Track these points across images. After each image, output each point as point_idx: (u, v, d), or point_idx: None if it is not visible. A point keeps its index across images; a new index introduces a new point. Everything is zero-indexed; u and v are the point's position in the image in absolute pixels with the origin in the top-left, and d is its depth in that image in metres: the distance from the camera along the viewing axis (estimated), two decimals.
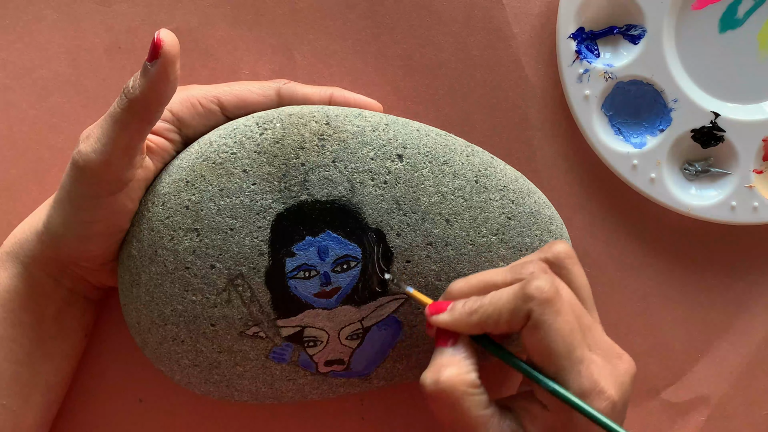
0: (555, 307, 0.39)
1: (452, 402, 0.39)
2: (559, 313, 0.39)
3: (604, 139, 0.50)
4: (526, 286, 0.39)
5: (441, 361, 0.40)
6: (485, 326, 0.40)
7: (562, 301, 0.39)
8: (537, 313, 0.39)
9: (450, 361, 0.40)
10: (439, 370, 0.40)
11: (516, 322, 0.39)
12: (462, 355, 0.41)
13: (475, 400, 0.40)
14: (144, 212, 0.45)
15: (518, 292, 0.39)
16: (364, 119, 0.45)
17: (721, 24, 0.50)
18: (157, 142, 0.45)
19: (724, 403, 0.53)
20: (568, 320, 0.39)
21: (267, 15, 0.51)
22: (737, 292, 0.52)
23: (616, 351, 0.41)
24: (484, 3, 0.51)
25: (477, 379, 0.40)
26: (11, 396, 0.47)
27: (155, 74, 0.40)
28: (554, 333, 0.39)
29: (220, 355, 0.46)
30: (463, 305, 0.41)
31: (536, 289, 0.39)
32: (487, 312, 0.40)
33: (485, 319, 0.40)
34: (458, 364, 0.40)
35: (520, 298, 0.39)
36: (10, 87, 0.51)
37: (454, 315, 0.41)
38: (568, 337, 0.39)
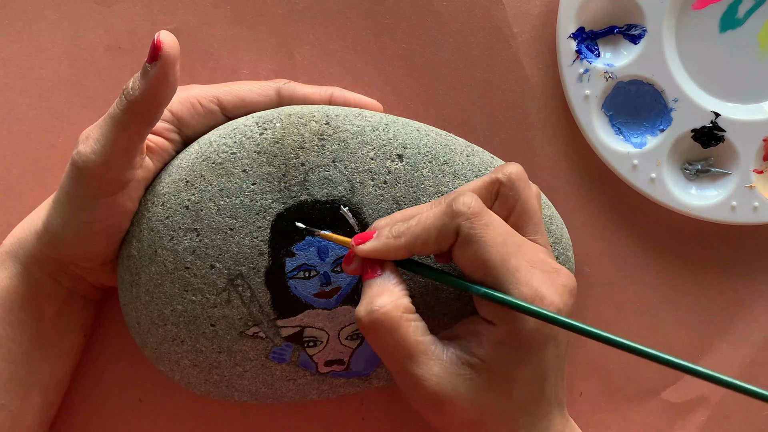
0: (483, 220, 0.39)
1: (389, 329, 0.39)
2: (488, 225, 0.39)
3: (604, 139, 0.50)
4: (453, 202, 0.39)
5: (372, 292, 0.40)
6: (413, 248, 0.40)
7: (489, 215, 0.39)
8: (466, 227, 0.39)
9: (381, 290, 0.40)
10: (371, 300, 0.40)
11: (444, 240, 0.39)
12: (392, 282, 0.41)
13: (412, 325, 0.39)
14: (144, 212, 0.45)
15: (446, 210, 0.39)
16: (364, 119, 0.45)
17: (722, 24, 0.50)
18: (157, 142, 0.45)
19: (724, 403, 0.53)
20: (499, 232, 0.39)
21: (267, 15, 0.51)
22: (737, 292, 0.52)
23: (553, 266, 0.41)
24: (484, 3, 0.50)
25: (410, 305, 0.40)
26: (10, 396, 0.47)
27: (155, 76, 0.40)
28: (486, 243, 0.39)
29: (220, 355, 0.46)
30: (389, 230, 0.41)
31: (463, 204, 0.39)
32: (415, 233, 0.40)
33: (413, 241, 0.40)
34: (390, 291, 0.40)
35: (447, 215, 0.39)
36: (10, 87, 0.51)
37: (381, 240, 0.41)
38: (501, 246, 0.39)
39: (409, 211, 0.42)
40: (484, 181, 0.42)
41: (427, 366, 0.39)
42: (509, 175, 0.42)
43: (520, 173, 0.42)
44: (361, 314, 0.40)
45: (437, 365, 0.39)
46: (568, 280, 0.41)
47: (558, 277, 0.41)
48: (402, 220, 0.41)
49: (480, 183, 0.42)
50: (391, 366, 0.41)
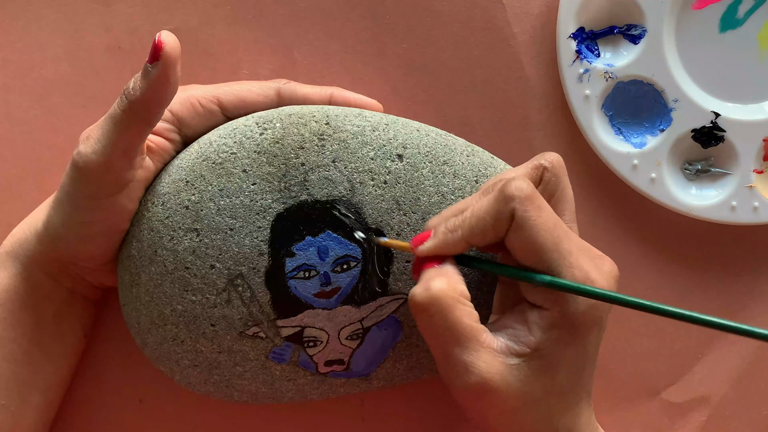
0: (536, 203, 0.39)
1: (443, 310, 0.39)
2: (541, 208, 0.39)
3: (604, 139, 0.50)
4: (504, 188, 0.39)
5: (429, 275, 0.40)
6: (471, 239, 0.40)
7: (541, 199, 0.40)
8: (520, 211, 0.39)
9: (438, 274, 0.40)
10: (429, 281, 0.40)
11: (501, 226, 0.40)
12: (451, 269, 0.41)
13: (466, 310, 0.39)
14: (144, 212, 0.45)
15: (498, 196, 0.40)
16: (364, 119, 0.45)
17: (722, 24, 0.50)
18: (157, 142, 0.45)
19: (724, 403, 0.53)
20: (551, 215, 0.39)
21: (267, 15, 0.51)
22: (737, 292, 0.52)
23: (596, 252, 0.41)
24: (484, 3, 0.50)
25: (467, 293, 0.40)
26: (10, 396, 0.47)
27: (156, 76, 0.40)
28: (540, 227, 0.39)
29: (220, 355, 0.46)
30: (445, 226, 0.41)
31: (516, 188, 0.39)
32: (471, 223, 0.40)
33: (470, 231, 0.40)
34: (449, 276, 0.40)
35: (501, 200, 0.39)
36: (10, 87, 0.51)
37: (439, 237, 0.41)
38: (553, 230, 0.39)
39: (458, 205, 0.42)
40: (528, 167, 0.42)
41: (477, 353, 0.39)
42: (552, 161, 0.42)
43: (561, 161, 0.43)
44: (417, 292, 0.40)
45: (487, 353, 0.39)
46: (612, 267, 0.41)
47: (603, 264, 0.41)
48: (454, 215, 0.41)
49: (524, 168, 0.42)
50: (437, 350, 0.40)
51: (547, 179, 0.42)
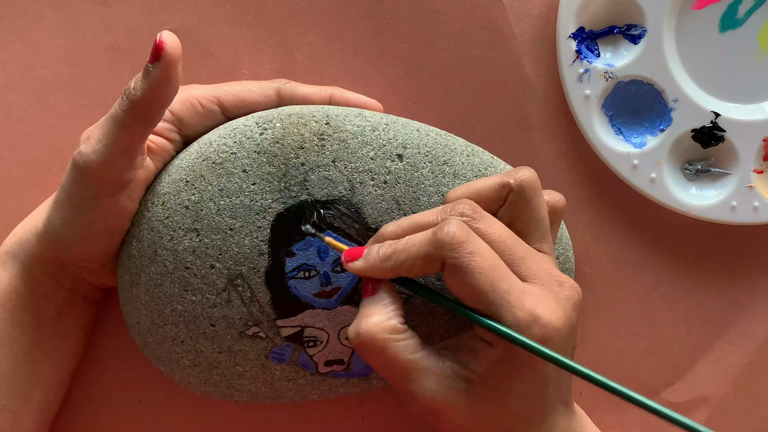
0: (468, 248, 0.38)
1: (376, 351, 0.40)
2: (473, 253, 0.38)
3: (604, 139, 0.50)
4: (438, 232, 0.39)
5: (362, 312, 0.41)
6: (400, 272, 0.40)
7: (475, 242, 0.39)
8: (451, 258, 0.38)
9: (370, 311, 0.40)
10: (360, 321, 0.40)
11: (430, 268, 0.39)
12: (383, 302, 0.41)
13: (400, 345, 0.40)
14: (144, 212, 0.45)
15: (431, 239, 0.39)
16: (364, 119, 0.45)
17: (722, 24, 0.50)
18: (157, 142, 0.45)
19: (724, 403, 0.53)
20: (486, 258, 0.39)
21: (267, 15, 0.51)
22: (737, 292, 0.52)
23: (556, 279, 0.41)
24: (484, 3, 0.50)
25: (400, 325, 0.40)
26: (11, 396, 0.47)
27: (157, 76, 0.40)
28: (473, 271, 0.38)
29: (220, 355, 0.46)
30: (378, 251, 0.41)
31: (446, 234, 0.39)
32: (400, 259, 0.40)
33: (399, 266, 0.40)
34: (378, 312, 0.40)
35: (431, 244, 0.39)
36: (10, 87, 0.51)
37: (368, 261, 0.41)
38: (489, 273, 0.38)
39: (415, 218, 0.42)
40: (495, 183, 0.42)
41: (419, 382, 0.40)
42: (521, 182, 0.41)
43: (531, 180, 0.41)
44: (350, 335, 0.40)
45: (430, 380, 0.40)
46: (571, 292, 0.41)
47: (561, 290, 0.40)
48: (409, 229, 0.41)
49: (489, 184, 0.42)
50: (387, 379, 0.41)
51: (512, 200, 0.41)
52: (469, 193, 0.42)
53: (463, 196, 0.42)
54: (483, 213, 0.40)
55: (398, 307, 0.41)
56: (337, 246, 0.43)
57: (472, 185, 0.42)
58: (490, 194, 0.42)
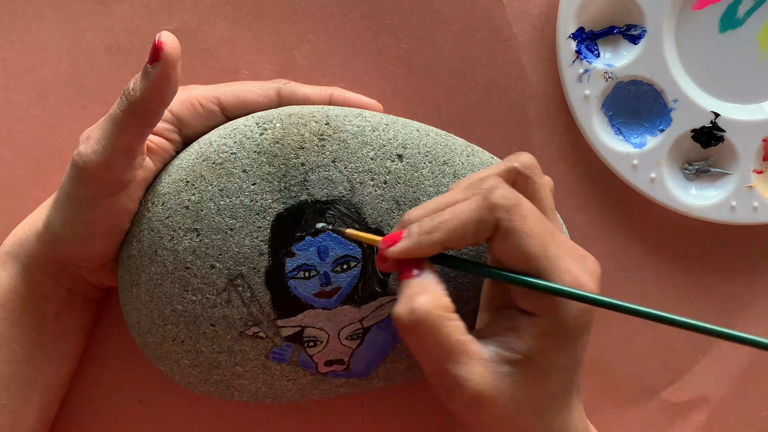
0: (522, 212, 0.38)
1: (431, 329, 0.38)
2: (526, 217, 0.38)
3: (604, 139, 0.50)
4: (489, 195, 0.38)
5: (411, 291, 0.39)
6: (448, 242, 0.39)
7: (527, 206, 0.39)
8: (506, 221, 0.38)
9: (421, 289, 0.39)
10: (411, 299, 0.38)
11: (482, 233, 0.39)
12: (432, 280, 0.39)
13: (453, 325, 0.38)
14: (144, 212, 0.45)
15: (482, 203, 0.38)
16: (364, 119, 0.45)
17: (721, 24, 0.50)
18: (157, 143, 0.45)
19: (724, 403, 0.53)
20: (537, 222, 0.38)
21: (267, 15, 0.51)
22: (737, 292, 0.52)
23: (581, 252, 0.41)
24: (484, 3, 0.51)
25: (451, 304, 0.39)
26: (11, 396, 0.47)
27: (156, 77, 0.40)
28: (527, 236, 0.38)
29: (220, 355, 0.46)
30: (420, 226, 0.39)
31: (501, 197, 0.38)
32: (450, 226, 0.39)
33: (449, 235, 0.39)
34: (430, 290, 0.39)
35: (485, 208, 0.38)
36: (10, 87, 0.51)
37: (413, 238, 0.39)
38: (541, 237, 0.38)
39: (441, 199, 0.41)
40: (501, 169, 0.41)
41: (468, 366, 0.38)
42: (525, 163, 0.41)
43: (534, 162, 0.42)
44: (401, 313, 0.38)
45: (479, 365, 0.38)
46: (596, 266, 0.41)
47: (587, 264, 0.40)
48: (436, 210, 0.40)
49: (497, 170, 0.41)
50: (429, 367, 0.39)
51: (521, 182, 0.41)
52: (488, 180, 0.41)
53: None
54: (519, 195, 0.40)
55: (445, 286, 0.39)
56: (366, 237, 0.42)
57: (479, 173, 0.42)
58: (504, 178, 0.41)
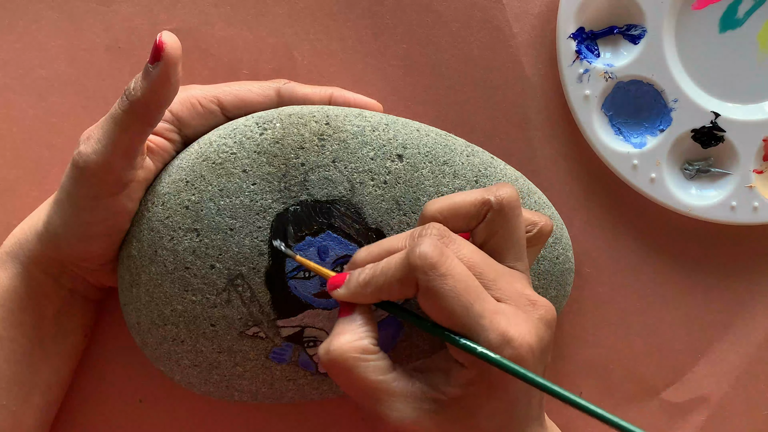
0: (440, 270, 0.38)
1: (345, 369, 0.39)
2: (445, 276, 0.38)
3: (604, 139, 0.50)
4: (409, 254, 0.39)
5: (334, 331, 0.40)
6: (380, 296, 0.40)
7: (448, 263, 0.38)
8: (423, 281, 0.38)
9: (342, 330, 0.40)
10: (331, 339, 0.40)
11: (407, 290, 0.39)
12: (357, 323, 0.40)
13: (370, 366, 0.39)
14: (144, 212, 0.45)
15: (403, 261, 0.39)
16: (364, 119, 0.45)
17: (721, 24, 0.50)
18: (157, 143, 0.45)
19: (724, 403, 0.53)
20: (458, 279, 0.38)
21: (267, 14, 0.51)
22: (737, 292, 0.52)
23: (530, 299, 0.40)
24: (484, 3, 0.50)
25: (372, 346, 0.40)
26: (11, 396, 0.47)
27: (157, 77, 0.40)
28: (445, 295, 0.38)
29: (220, 355, 0.46)
30: (358, 277, 0.40)
31: (418, 256, 0.38)
32: (378, 283, 0.40)
33: (378, 290, 0.40)
34: (351, 332, 0.40)
35: (405, 267, 0.39)
36: (10, 87, 0.51)
37: (350, 288, 0.41)
38: (462, 296, 0.38)
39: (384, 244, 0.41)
40: (475, 199, 0.41)
41: (387, 403, 0.39)
42: (501, 200, 0.41)
43: (511, 199, 0.41)
44: (321, 352, 0.40)
45: (399, 401, 0.39)
46: (546, 313, 0.40)
47: (534, 311, 0.40)
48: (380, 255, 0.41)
49: (469, 200, 0.41)
50: (353, 399, 0.41)
51: (491, 218, 0.41)
52: (448, 207, 0.41)
53: (442, 209, 0.41)
54: (452, 236, 0.40)
55: (371, 329, 0.41)
56: (317, 269, 0.43)
57: (451, 199, 0.41)
58: (470, 210, 0.41)
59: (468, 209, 0.41)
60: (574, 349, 0.52)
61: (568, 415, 0.53)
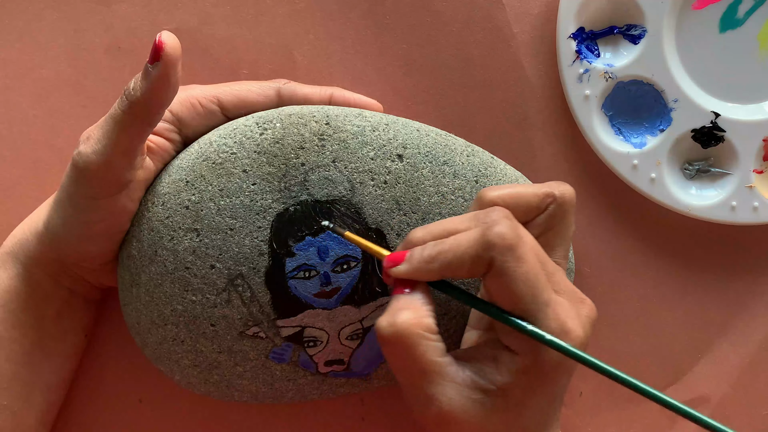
0: (517, 253, 0.38)
1: (408, 346, 0.38)
2: (521, 259, 0.38)
3: (604, 139, 0.50)
4: (486, 232, 0.38)
5: (397, 306, 0.39)
6: (445, 273, 0.39)
7: (524, 247, 0.38)
8: (499, 261, 0.38)
9: (406, 305, 0.39)
10: (395, 313, 0.39)
11: (477, 269, 0.39)
12: (420, 300, 0.40)
13: (431, 345, 0.39)
14: (144, 212, 0.45)
15: (479, 239, 0.38)
16: (364, 119, 0.45)
17: (722, 24, 0.50)
18: (157, 142, 0.45)
19: (724, 403, 0.53)
20: (532, 265, 0.38)
21: (267, 15, 0.51)
22: (737, 292, 0.52)
23: (579, 296, 0.41)
24: (484, 3, 0.50)
25: (434, 326, 0.39)
26: (11, 396, 0.47)
27: (157, 77, 0.40)
28: (518, 279, 0.38)
29: (220, 355, 0.46)
30: (422, 252, 0.40)
31: (497, 235, 0.38)
32: (447, 259, 0.39)
33: (446, 266, 0.39)
34: (415, 308, 0.39)
35: (481, 245, 0.38)
36: (10, 87, 0.51)
37: (413, 264, 0.40)
38: (533, 281, 0.38)
39: (445, 224, 0.41)
40: (538, 191, 0.41)
41: (440, 386, 0.39)
42: (564, 195, 0.41)
43: (573, 197, 0.42)
44: (383, 326, 0.39)
45: (451, 387, 0.39)
46: (591, 312, 0.41)
47: (583, 308, 0.40)
48: (438, 235, 0.40)
49: (533, 191, 0.41)
50: (403, 380, 0.40)
51: (552, 211, 0.41)
52: (510, 195, 0.41)
53: (503, 197, 0.41)
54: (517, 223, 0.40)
55: (433, 308, 0.40)
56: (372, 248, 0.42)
57: (514, 188, 0.42)
58: (532, 201, 0.41)
59: (530, 199, 0.41)
60: None
61: (567, 414, 0.53)
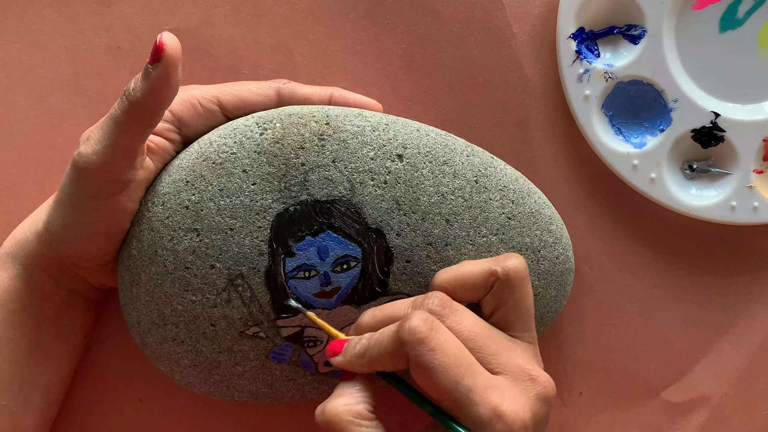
0: (430, 345, 0.38)
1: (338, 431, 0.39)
2: (434, 350, 0.38)
3: (604, 139, 0.50)
4: (399, 328, 0.39)
5: (333, 393, 0.41)
6: (375, 367, 0.41)
7: (438, 337, 0.39)
8: (413, 355, 0.38)
9: (340, 393, 0.41)
10: (329, 400, 0.40)
11: (399, 363, 0.40)
12: (355, 387, 0.41)
13: (362, 431, 0.39)
14: (144, 212, 0.45)
15: (394, 335, 0.39)
16: (364, 119, 0.46)
17: (721, 24, 0.50)
18: (157, 142, 0.45)
19: (724, 403, 0.53)
20: (448, 354, 0.38)
21: (267, 15, 0.51)
22: (737, 292, 0.52)
23: (530, 374, 0.40)
24: (484, 3, 0.51)
25: (367, 412, 0.40)
26: (11, 397, 0.47)
27: (157, 77, 0.40)
28: (436, 369, 0.38)
29: (220, 355, 0.46)
30: (354, 346, 0.41)
31: (407, 331, 0.39)
32: (372, 355, 0.40)
33: (373, 361, 0.40)
34: (348, 396, 0.40)
35: (394, 341, 0.39)
36: (10, 87, 0.51)
37: (347, 357, 0.42)
38: (451, 370, 0.38)
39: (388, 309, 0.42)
40: (482, 270, 0.42)
41: None
42: (508, 271, 0.42)
43: (519, 269, 0.42)
44: (317, 413, 0.40)
45: None
46: (545, 389, 0.41)
47: (533, 386, 0.40)
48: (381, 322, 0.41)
49: (476, 271, 0.42)
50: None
51: (498, 289, 0.42)
52: (456, 278, 0.42)
53: (450, 280, 0.42)
54: (453, 307, 0.40)
55: (369, 395, 0.41)
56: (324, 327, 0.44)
57: (459, 270, 0.42)
58: (476, 281, 0.42)
59: (474, 280, 0.42)
60: (574, 349, 0.52)
61: (567, 414, 0.53)
